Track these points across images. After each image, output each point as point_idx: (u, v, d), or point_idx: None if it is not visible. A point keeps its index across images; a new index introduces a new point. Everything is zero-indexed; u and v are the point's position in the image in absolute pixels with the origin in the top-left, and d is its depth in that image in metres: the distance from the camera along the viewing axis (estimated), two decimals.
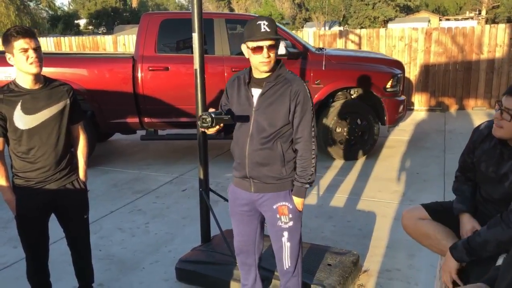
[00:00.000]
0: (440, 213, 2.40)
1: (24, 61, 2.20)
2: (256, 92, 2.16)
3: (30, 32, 2.22)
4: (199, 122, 2.00)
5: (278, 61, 2.14)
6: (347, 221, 3.99)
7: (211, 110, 2.08)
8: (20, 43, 2.18)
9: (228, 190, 2.41)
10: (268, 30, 2.02)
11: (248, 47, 2.07)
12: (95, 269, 2.83)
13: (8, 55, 2.23)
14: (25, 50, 2.19)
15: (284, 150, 2.17)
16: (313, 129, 2.15)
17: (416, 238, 2.48)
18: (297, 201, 2.22)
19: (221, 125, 2.08)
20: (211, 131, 2.07)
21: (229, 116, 2.05)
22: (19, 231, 2.44)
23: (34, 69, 2.23)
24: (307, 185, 2.18)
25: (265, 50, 2.03)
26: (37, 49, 2.23)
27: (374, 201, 4.44)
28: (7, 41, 2.20)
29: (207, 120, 1.98)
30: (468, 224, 2.21)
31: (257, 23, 2.03)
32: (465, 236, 2.15)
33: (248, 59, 2.12)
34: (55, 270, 2.70)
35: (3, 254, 3.54)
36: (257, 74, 2.16)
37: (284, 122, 2.13)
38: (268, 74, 2.13)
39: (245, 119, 2.17)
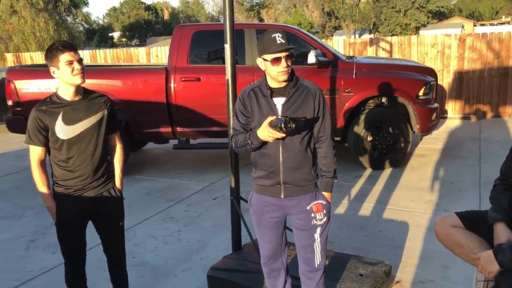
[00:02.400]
0: (474, 221, 2.33)
1: (70, 73, 2.30)
2: (278, 101, 2.22)
3: (74, 46, 2.35)
4: (283, 126, 1.99)
5: (292, 70, 2.22)
6: (379, 231, 3.94)
7: (272, 117, 2.08)
8: (65, 56, 2.29)
9: (250, 200, 2.43)
10: (283, 41, 2.11)
11: (265, 60, 2.15)
12: (129, 275, 2.89)
13: (52, 69, 2.33)
14: (71, 63, 2.30)
15: (312, 151, 2.29)
16: (330, 127, 2.31)
17: (447, 246, 2.41)
18: (328, 195, 2.35)
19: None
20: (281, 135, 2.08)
21: (304, 117, 2.11)
22: (59, 237, 2.53)
23: (79, 80, 2.34)
24: (335, 180, 2.35)
25: (283, 60, 2.12)
26: (80, 61, 2.35)
27: (406, 211, 4.37)
28: (52, 55, 2.31)
29: (291, 124, 2.00)
30: (503, 234, 2.12)
31: (272, 36, 2.11)
32: None
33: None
34: (91, 276, 2.78)
35: (43, 259, 3.68)
36: (274, 84, 2.22)
37: (311, 121, 2.23)
38: (286, 83, 2.20)
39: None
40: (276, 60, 2.11)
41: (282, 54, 2.10)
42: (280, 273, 2.51)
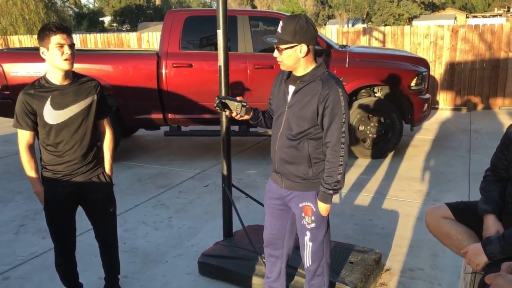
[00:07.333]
0: (464, 212, 2.35)
1: (59, 56, 2.25)
2: (291, 90, 2.18)
3: (68, 29, 2.29)
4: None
5: (317, 61, 2.15)
6: (369, 220, 3.97)
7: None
8: (57, 38, 2.23)
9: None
10: (279, 31, 2.07)
11: None
12: (120, 261, 2.89)
13: (42, 49, 2.27)
14: (61, 46, 2.24)
15: (311, 151, 2.15)
16: (343, 135, 2.06)
17: (437, 237, 2.44)
18: (321, 206, 2.17)
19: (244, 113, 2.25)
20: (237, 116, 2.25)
21: (240, 102, 2.20)
22: (48, 222, 2.51)
23: (67, 66, 2.28)
24: (331, 192, 2.12)
25: (276, 50, 2.11)
26: (72, 46, 2.28)
27: (397, 200, 4.40)
28: (44, 35, 2.24)
29: (218, 104, 2.16)
30: (492, 226, 2.14)
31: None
32: None
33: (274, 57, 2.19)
34: (81, 261, 2.77)
35: (32, 245, 3.65)
36: (295, 71, 2.16)
37: (311, 124, 2.11)
38: (303, 73, 2.13)
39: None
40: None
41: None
42: (276, 262, 2.49)
